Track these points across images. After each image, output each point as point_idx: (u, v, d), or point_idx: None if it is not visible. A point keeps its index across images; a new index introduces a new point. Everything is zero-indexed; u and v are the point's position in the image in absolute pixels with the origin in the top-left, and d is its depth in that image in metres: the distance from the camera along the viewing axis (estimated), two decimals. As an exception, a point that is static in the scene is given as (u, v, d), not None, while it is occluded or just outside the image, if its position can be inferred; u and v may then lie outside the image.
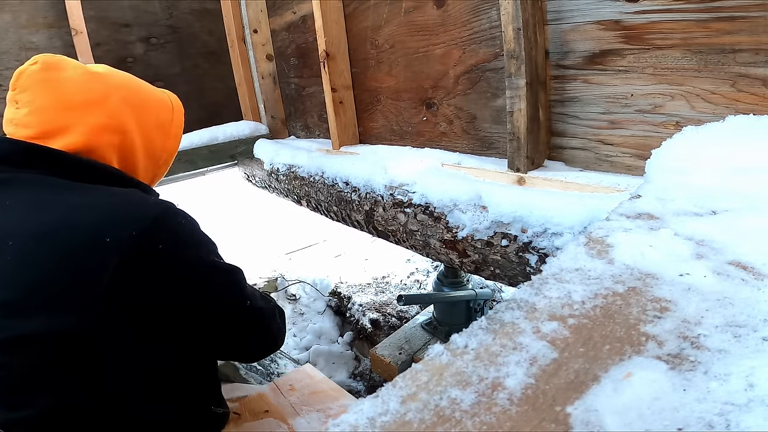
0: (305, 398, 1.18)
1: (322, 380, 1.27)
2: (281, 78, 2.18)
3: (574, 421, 0.29)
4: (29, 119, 0.81)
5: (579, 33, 0.97)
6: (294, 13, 1.92)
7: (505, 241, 0.96)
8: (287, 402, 1.15)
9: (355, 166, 1.46)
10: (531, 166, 1.07)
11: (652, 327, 0.38)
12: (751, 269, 0.45)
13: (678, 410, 0.29)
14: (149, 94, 0.95)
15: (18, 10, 1.70)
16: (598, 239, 0.54)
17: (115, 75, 0.92)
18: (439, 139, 1.41)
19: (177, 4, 2.12)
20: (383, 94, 1.57)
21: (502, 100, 1.16)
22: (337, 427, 0.30)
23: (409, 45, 1.39)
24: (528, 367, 0.34)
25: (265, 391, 1.20)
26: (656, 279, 0.45)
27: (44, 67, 0.84)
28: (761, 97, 0.76)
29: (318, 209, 1.72)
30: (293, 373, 1.34)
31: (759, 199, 0.58)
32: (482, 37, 1.17)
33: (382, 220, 1.32)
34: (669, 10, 0.82)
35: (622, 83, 0.93)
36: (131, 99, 0.90)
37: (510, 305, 0.42)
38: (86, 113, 0.84)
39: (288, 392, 1.20)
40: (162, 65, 2.12)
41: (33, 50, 1.75)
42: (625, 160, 0.97)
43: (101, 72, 0.90)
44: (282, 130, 2.26)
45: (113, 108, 0.86)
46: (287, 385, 1.23)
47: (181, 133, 1.00)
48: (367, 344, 2.42)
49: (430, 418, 0.30)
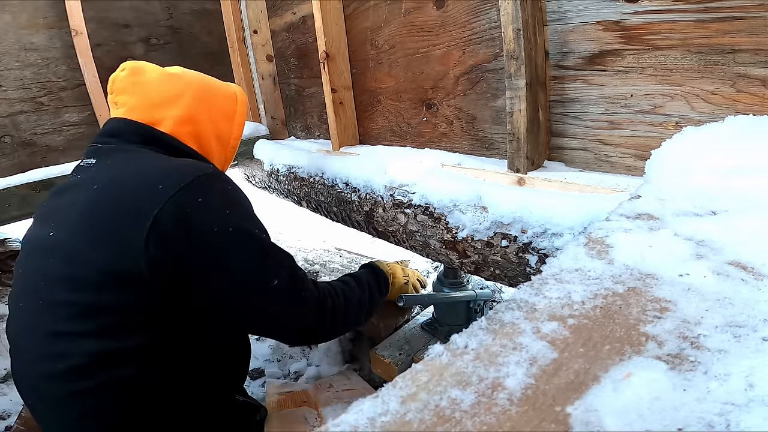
0: (339, 394, 1.37)
1: (356, 381, 1.49)
2: (281, 79, 2.19)
3: (574, 421, 0.29)
4: (129, 116, 0.98)
5: (579, 33, 0.97)
6: (294, 14, 1.92)
7: (505, 242, 0.96)
8: (323, 396, 1.36)
9: (355, 167, 1.46)
10: (531, 166, 1.07)
11: (652, 327, 0.38)
12: (751, 269, 0.45)
13: (678, 410, 0.29)
14: (217, 90, 1.10)
15: (18, 10, 1.70)
16: (597, 239, 0.54)
17: (187, 75, 1.08)
18: (439, 139, 1.41)
19: (177, 4, 2.13)
20: (383, 95, 1.57)
21: (501, 101, 1.16)
22: (337, 427, 0.30)
23: (409, 46, 1.39)
24: (528, 368, 0.34)
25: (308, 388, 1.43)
26: (656, 279, 0.45)
27: (130, 72, 1.01)
28: (761, 98, 0.76)
29: (318, 210, 1.72)
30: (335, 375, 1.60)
31: (759, 200, 0.58)
32: (482, 37, 1.17)
33: (382, 220, 1.32)
34: (669, 10, 0.82)
35: (622, 84, 0.93)
36: (201, 94, 1.05)
37: (510, 305, 0.42)
38: (167, 108, 1.00)
39: (326, 389, 1.42)
40: (162, 66, 2.12)
41: (33, 51, 1.75)
42: (625, 160, 0.97)
43: (176, 73, 1.07)
44: (282, 130, 2.26)
45: (187, 103, 1.02)
46: (327, 384, 1.46)
47: (244, 121, 1.15)
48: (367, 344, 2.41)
49: (430, 419, 0.30)
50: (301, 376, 1.73)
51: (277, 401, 1.28)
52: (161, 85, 1.02)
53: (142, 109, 0.98)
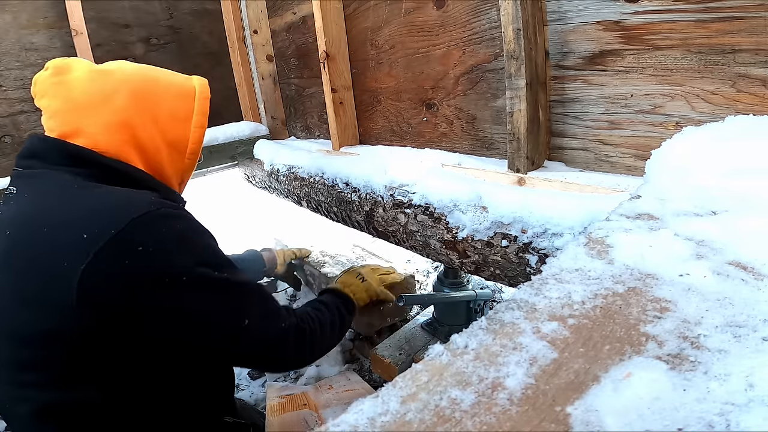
0: (339, 395, 1.36)
1: (357, 381, 1.47)
2: (281, 78, 2.19)
3: (574, 421, 0.29)
4: (50, 123, 0.83)
5: (579, 33, 0.97)
6: (294, 14, 1.92)
7: (505, 242, 0.96)
8: (323, 398, 1.34)
9: (355, 167, 1.46)
10: (531, 166, 1.07)
11: (652, 327, 0.38)
12: (751, 269, 0.45)
13: (678, 410, 0.29)
14: (165, 85, 0.91)
15: (18, 10, 1.71)
16: (598, 239, 0.54)
17: (124, 70, 0.89)
18: (439, 139, 1.41)
19: (177, 4, 2.13)
20: (383, 95, 1.57)
21: (502, 101, 1.16)
22: (337, 427, 0.30)
23: (409, 45, 1.39)
24: (528, 367, 0.34)
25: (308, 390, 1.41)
26: (656, 279, 0.45)
27: (54, 71, 0.84)
28: (761, 98, 0.76)
29: (318, 210, 1.72)
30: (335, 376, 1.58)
31: (759, 200, 0.58)
32: (482, 37, 1.17)
33: (382, 220, 1.32)
34: (669, 10, 0.82)
35: (622, 84, 0.93)
36: (141, 92, 0.87)
37: (510, 305, 0.42)
38: (93, 113, 0.83)
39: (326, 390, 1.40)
40: (162, 66, 2.11)
41: (33, 51, 1.75)
42: (625, 160, 0.97)
43: (108, 69, 0.88)
44: (282, 130, 2.26)
45: (118, 105, 0.84)
46: (327, 385, 1.44)
47: (205, 121, 0.95)
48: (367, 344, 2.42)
49: (430, 419, 0.30)
50: (301, 375, 1.73)
51: (278, 405, 1.28)
52: (88, 84, 0.83)
53: (64, 114, 0.82)
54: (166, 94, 0.90)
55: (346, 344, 1.85)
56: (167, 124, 0.89)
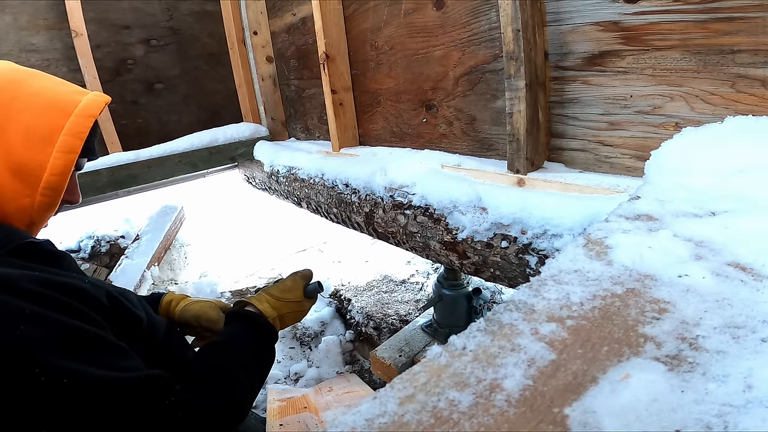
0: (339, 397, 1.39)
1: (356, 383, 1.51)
2: (281, 80, 2.19)
3: (571, 422, 0.29)
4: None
5: (578, 34, 0.97)
6: (294, 15, 1.92)
7: (504, 243, 0.96)
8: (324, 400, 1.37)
9: (355, 168, 1.46)
10: (531, 167, 1.07)
11: (650, 328, 0.37)
12: (750, 270, 0.45)
13: (676, 411, 0.29)
14: (24, 91, 0.69)
15: (18, 11, 1.71)
16: (597, 240, 0.54)
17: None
18: (438, 140, 1.41)
19: (177, 5, 2.13)
20: (383, 96, 1.57)
21: (501, 102, 1.16)
22: (335, 428, 0.30)
23: (409, 47, 1.40)
24: (526, 369, 0.34)
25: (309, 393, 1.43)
26: (655, 280, 0.45)
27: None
28: (760, 98, 0.75)
29: (318, 211, 1.72)
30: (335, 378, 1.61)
31: (758, 200, 0.58)
32: (482, 38, 1.17)
33: (382, 221, 1.32)
34: (668, 11, 0.82)
35: (622, 84, 0.93)
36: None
37: (509, 307, 0.42)
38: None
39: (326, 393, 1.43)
40: (162, 67, 2.12)
41: (33, 52, 1.75)
42: (625, 161, 0.97)
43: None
44: (282, 131, 2.26)
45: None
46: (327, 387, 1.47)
47: (78, 144, 0.70)
48: (368, 346, 2.42)
49: (428, 420, 0.30)
50: (301, 377, 1.73)
51: (278, 408, 1.29)
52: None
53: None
54: (26, 105, 0.67)
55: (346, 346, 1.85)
56: (15, 142, 0.66)
